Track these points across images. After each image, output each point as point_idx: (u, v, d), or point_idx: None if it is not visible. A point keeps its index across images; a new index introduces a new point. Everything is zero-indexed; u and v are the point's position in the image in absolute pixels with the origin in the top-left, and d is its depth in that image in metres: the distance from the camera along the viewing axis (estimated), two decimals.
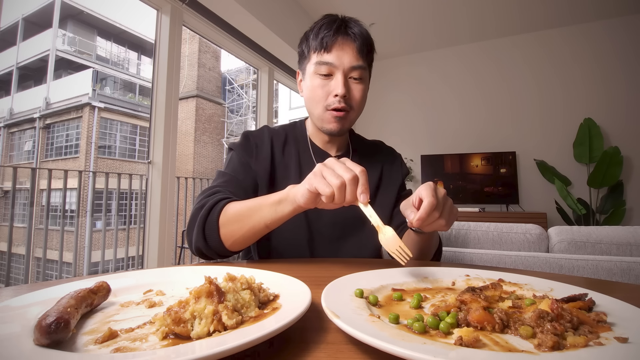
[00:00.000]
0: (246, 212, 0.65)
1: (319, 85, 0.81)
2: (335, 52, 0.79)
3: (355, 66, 0.80)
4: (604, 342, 0.29)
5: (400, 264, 0.52)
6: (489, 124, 4.04)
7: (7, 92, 12.95)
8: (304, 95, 0.87)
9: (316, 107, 0.83)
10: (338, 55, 0.79)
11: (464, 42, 4.18)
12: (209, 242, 0.67)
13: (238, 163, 0.85)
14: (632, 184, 3.40)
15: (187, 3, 2.36)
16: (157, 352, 0.28)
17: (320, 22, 0.83)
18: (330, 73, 0.80)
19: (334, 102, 0.80)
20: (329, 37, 0.79)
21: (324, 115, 0.82)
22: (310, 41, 0.83)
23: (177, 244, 2.83)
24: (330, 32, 0.79)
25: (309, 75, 0.83)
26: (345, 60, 0.79)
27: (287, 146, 0.91)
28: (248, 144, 0.87)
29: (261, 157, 0.86)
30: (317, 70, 0.80)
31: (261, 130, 0.92)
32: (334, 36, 0.79)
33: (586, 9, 3.43)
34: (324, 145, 0.93)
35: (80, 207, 3.14)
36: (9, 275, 2.58)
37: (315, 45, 0.81)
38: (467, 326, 0.33)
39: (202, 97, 11.98)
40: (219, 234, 0.66)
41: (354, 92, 0.82)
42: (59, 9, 12.00)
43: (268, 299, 0.40)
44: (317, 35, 0.81)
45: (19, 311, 0.35)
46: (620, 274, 0.98)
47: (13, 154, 12.06)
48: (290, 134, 0.93)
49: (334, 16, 0.85)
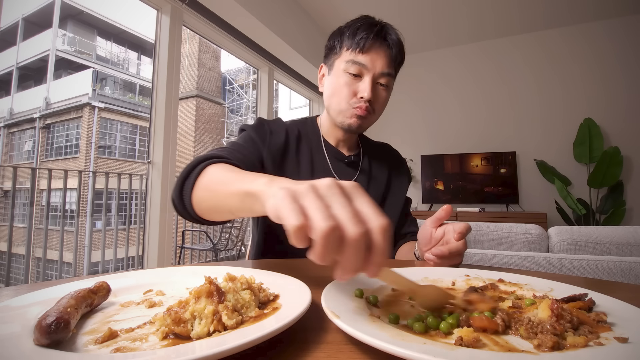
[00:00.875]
0: (218, 185, 0.54)
1: (346, 83, 0.80)
2: (370, 55, 0.79)
3: (385, 73, 0.80)
4: (604, 342, 0.29)
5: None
6: (489, 124, 4.04)
7: (7, 92, 12.96)
8: (327, 90, 0.86)
9: (338, 104, 0.83)
10: (372, 58, 0.79)
11: (463, 42, 4.18)
12: (184, 200, 0.59)
13: (248, 140, 0.82)
14: (632, 184, 3.40)
15: (187, 3, 2.36)
16: (157, 352, 0.28)
17: (358, 21, 0.82)
18: (359, 74, 0.80)
19: (358, 103, 0.80)
20: (366, 39, 0.78)
21: (346, 110, 0.82)
22: (345, 38, 0.82)
23: (177, 244, 2.84)
24: (369, 35, 0.78)
25: (337, 72, 0.82)
26: (378, 65, 0.79)
27: (301, 142, 0.89)
28: (262, 128, 0.85)
29: (273, 145, 0.83)
30: (348, 69, 0.80)
31: (277, 120, 0.90)
32: (372, 39, 0.78)
33: (586, 9, 3.43)
34: (337, 144, 0.91)
35: (80, 207, 3.14)
36: (9, 275, 2.58)
37: (351, 43, 0.80)
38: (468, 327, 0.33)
39: (202, 97, 11.99)
40: (192, 195, 0.58)
41: (379, 98, 0.82)
42: (59, 9, 12.01)
43: (268, 299, 0.40)
44: (354, 35, 0.80)
45: (19, 311, 0.35)
46: (620, 274, 0.99)
47: (13, 154, 12.06)
48: (303, 130, 0.91)
49: (373, 19, 0.84)
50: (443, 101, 4.29)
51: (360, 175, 0.91)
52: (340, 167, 0.90)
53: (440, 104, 4.31)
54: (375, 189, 0.92)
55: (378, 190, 0.92)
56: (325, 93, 0.87)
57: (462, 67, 4.21)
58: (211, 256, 3.84)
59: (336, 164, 0.90)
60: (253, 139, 0.82)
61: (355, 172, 0.91)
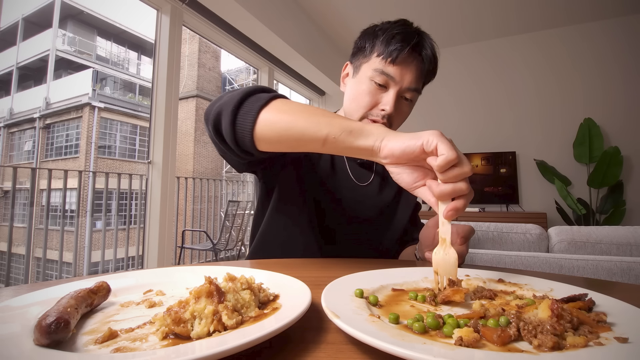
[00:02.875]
0: (311, 110, 0.52)
1: (369, 92, 0.77)
2: (400, 68, 0.74)
3: (412, 88, 0.76)
4: (604, 342, 0.29)
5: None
6: (489, 124, 4.04)
7: (7, 92, 12.96)
8: (348, 92, 0.83)
9: (357, 111, 0.79)
10: (402, 72, 0.75)
11: (462, 42, 4.18)
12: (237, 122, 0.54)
13: None
14: (632, 184, 3.40)
15: (187, 3, 2.36)
16: (157, 352, 0.28)
17: (395, 27, 0.77)
18: (385, 85, 0.76)
19: (378, 115, 0.76)
20: (400, 50, 0.73)
21: (362, 114, 0.79)
22: (378, 43, 0.76)
23: (177, 244, 2.84)
24: (404, 48, 0.73)
25: (363, 77, 0.78)
26: (407, 79, 0.75)
27: None
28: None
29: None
30: (374, 77, 0.76)
31: None
32: (405, 51, 0.73)
33: (586, 10, 3.43)
34: None
35: (80, 207, 3.14)
36: (9, 275, 2.58)
37: (383, 50, 0.75)
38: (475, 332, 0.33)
39: (202, 97, 11.98)
40: (258, 116, 0.53)
41: (400, 113, 0.79)
42: (59, 9, 12.00)
43: (268, 299, 0.40)
44: (388, 42, 0.75)
45: (19, 311, 0.35)
46: (620, 274, 0.98)
47: (13, 154, 12.06)
48: None
49: (411, 26, 0.79)
50: (443, 101, 4.29)
51: (375, 177, 0.91)
52: (355, 167, 0.89)
53: (439, 104, 4.31)
54: (389, 191, 0.91)
55: (391, 192, 0.91)
56: (346, 95, 0.83)
57: (462, 67, 4.21)
58: (211, 256, 3.84)
59: (352, 165, 0.89)
60: None
61: (370, 173, 0.91)
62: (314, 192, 0.82)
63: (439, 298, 0.42)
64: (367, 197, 0.88)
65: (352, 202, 0.85)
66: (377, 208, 0.88)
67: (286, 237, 0.81)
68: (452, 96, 4.24)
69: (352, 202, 0.85)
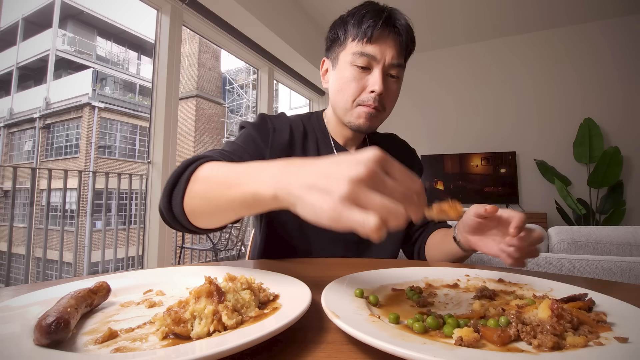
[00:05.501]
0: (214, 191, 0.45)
1: (353, 77, 0.73)
2: (377, 45, 0.72)
3: (396, 63, 0.73)
4: (604, 342, 0.29)
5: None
6: (489, 124, 4.04)
7: (7, 92, 12.95)
8: (332, 86, 0.79)
9: (346, 101, 0.76)
10: (381, 49, 0.72)
11: (462, 42, 4.18)
12: (173, 210, 0.51)
13: (248, 139, 0.76)
14: (632, 184, 3.40)
15: (187, 3, 2.36)
16: (157, 352, 0.28)
17: (362, 8, 0.75)
18: (368, 66, 0.73)
19: (369, 98, 0.73)
20: (374, 27, 0.71)
21: (353, 109, 0.76)
22: (350, 28, 0.74)
23: (177, 244, 2.84)
24: (377, 22, 0.71)
25: (343, 65, 0.75)
26: (388, 55, 0.72)
27: (307, 140, 0.82)
28: (265, 126, 0.78)
29: (277, 144, 0.77)
30: (354, 61, 0.73)
31: (280, 115, 0.84)
32: (379, 28, 0.71)
33: (586, 10, 3.43)
34: (345, 142, 0.85)
35: (80, 207, 3.14)
36: (9, 275, 2.58)
37: (357, 33, 0.73)
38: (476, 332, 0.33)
39: (202, 97, 11.98)
40: (183, 204, 0.50)
41: (390, 92, 0.75)
42: (59, 9, 12.00)
43: (268, 299, 0.40)
44: (359, 23, 0.72)
45: (19, 311, 0.35)
46: (620, 274, 0.98)
47: (13, 154, 12.06)
48: (309, 126, 0.85)
49: (378, 4, 0.76)
50: (442, 101, 4.29)
51: None
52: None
53: (440, 105, 4.31)
54: None
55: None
56: (331, 89, 0.80)
57: (461, 67, 4.21)
58: (211, 256, 3.84)
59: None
60: (254, 139, 0.76)
61: None
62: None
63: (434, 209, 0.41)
64: None
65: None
66: None
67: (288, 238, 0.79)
68: (453, 96, 4.24)
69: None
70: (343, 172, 0.31)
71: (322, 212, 0.30)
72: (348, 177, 0.30)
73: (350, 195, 0.29)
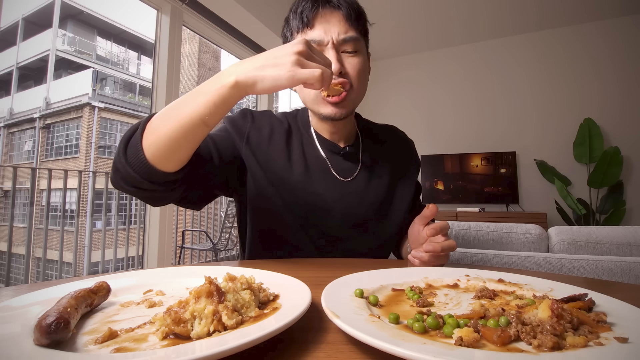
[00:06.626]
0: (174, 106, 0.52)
1: None
2: (320, 26, 0.69)
3: (346, 38, 0.69)
4: (604, 342, 0.29)
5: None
6: (489, 124, 4.04)
7: (7, 92, 12.95)
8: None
9: (309, 92, 0.73)
10: (324, 29, 0.69)
11: (460, 43, 4.18)
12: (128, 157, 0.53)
13: (222, 130, 0.75)
14: (632, 184, 3.40)
15: (187, 3, 2.36)
16: (157, 352, 0.28)
17: (298, 1, 0.73)
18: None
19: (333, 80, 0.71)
20: (308, 10, 0.69)
21: (317, 98, 0.72)
22: (291, 22, 0.73)
23: (177, 244, 2.84)
24: (309, 5, 0.70)
25: None
26: (333, 32, 0.69)
27: (291, 136, 0.80)
28: (242, 120, 0.77)
29: (255, 140, 0.76)
30: None
31: (265, 112, 0.83)
32: (314, 9, 0.69)
33: (585, 11, 3.44)
34: (330, 136, 0.81)
35: (80, 207, 3.13)
36: (9, 275, 2.58)
37: (297, 24, 0.71)
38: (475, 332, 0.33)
39: None
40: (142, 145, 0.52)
41: (350, 68, 0.71)
42: (59, 9, 12.00)
43: (268, 299, 0.40)
44: (296, 13, 0.71)
45: (19, 311, 0.35)
46: (620, 274, 0.98)
47: (13, 154, 12.05)
48: (293, 123, 0.83)
49: None
50: (443, 102, 4.29)
51: (362, 171, 0.81)
52: (338, 160, 0.80)
53: (439, 105, 4.31)
54: (379, 181, 0.82)
55: (383, 182, 0.82)
56: (297, 88, 0.76)
57: (460, 68, 4.21)
58: (211, 256, 3.84)
59: (332, 157, 0.80)
60: (228, 132, 0.74)
61: (355, 165, 0.81)
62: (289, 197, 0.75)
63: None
64: (353, 194, 0.78)
65: (335, 201, 0.77)
66: (364, 206, 0.78)
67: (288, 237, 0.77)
68: (452, 97, 4.24)
69: (335, 201, 0.77)
70: (287, 49, 0.48)
71: (280, 77, 0.46)
72: (291, 51, 0.47)
73: (297, 61, 0.47)
